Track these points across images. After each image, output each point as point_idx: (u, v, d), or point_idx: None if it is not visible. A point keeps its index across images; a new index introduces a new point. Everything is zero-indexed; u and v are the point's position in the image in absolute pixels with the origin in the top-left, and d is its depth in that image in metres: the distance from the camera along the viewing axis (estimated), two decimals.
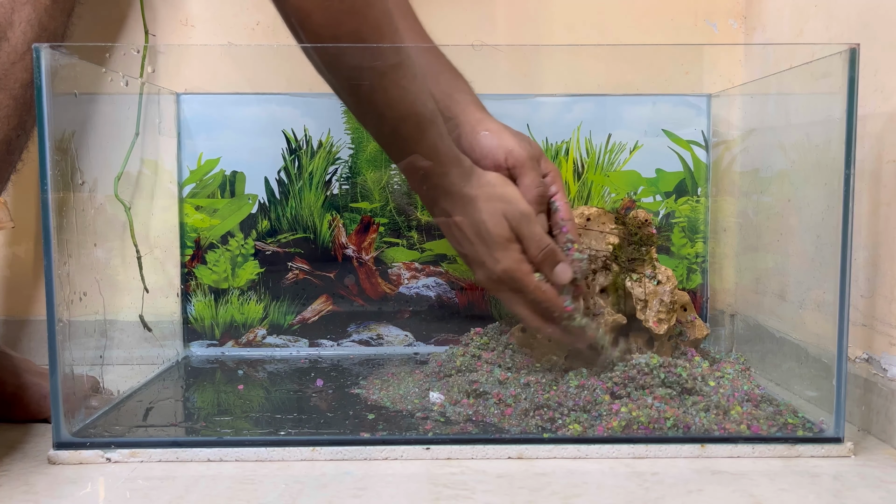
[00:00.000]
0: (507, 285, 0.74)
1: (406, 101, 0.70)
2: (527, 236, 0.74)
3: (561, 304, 0.74)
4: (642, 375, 0.72)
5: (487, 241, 0.74)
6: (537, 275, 0.74)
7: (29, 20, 0.72)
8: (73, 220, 0.73)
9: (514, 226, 0.74)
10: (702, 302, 1.00)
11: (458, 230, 0.75)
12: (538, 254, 0.74)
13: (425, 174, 0.74)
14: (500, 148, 0.77)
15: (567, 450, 0.68)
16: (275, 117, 0.98)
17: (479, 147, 0.77)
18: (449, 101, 0.79)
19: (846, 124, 0.67)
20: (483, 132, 0.78)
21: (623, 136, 0.98)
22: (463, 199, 0.74)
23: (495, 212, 0.74)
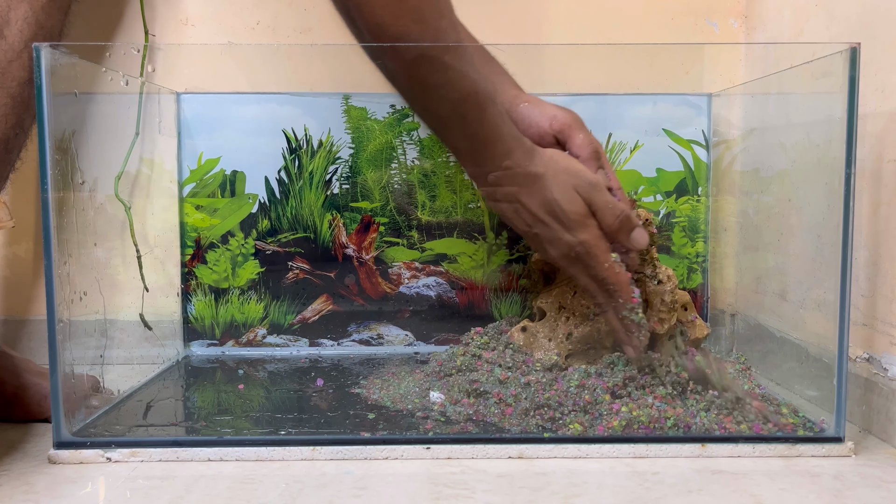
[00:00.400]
0: (584, 262, 0.73)
1: (466, 80, 0.69)
2: (600, 206, 0.73)
3: (629, 290, 0.73)
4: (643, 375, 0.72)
5: (562, 217, 0.72)
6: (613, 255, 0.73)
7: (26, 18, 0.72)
8: (73, 220, 0.73)
9: (587, 198, 0.72)
10: (702, 301, 1.00)
11: (525, 212, 0.74)
12: (614, 221, 0.73)
13: (488, 155, 0.72)
14: (543, 115, 0.78)
15: (567, 449, 0.68)
16: (275, 117, 0.98)
17: (522, 118, 0.77)
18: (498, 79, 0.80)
19: (847, 124, 0.67)
20: (523, 104, 0.79)
21: (623, 136, 0.98)
22: (529, 178, 0.72)
23: (566, 187, 0.72)
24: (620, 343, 0.75)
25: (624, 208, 0.73)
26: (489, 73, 0.79)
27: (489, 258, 0.99)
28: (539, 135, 0.78)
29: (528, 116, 0.78)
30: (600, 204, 0.73)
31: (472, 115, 0.71)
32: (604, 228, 0.73)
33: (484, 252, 0.99)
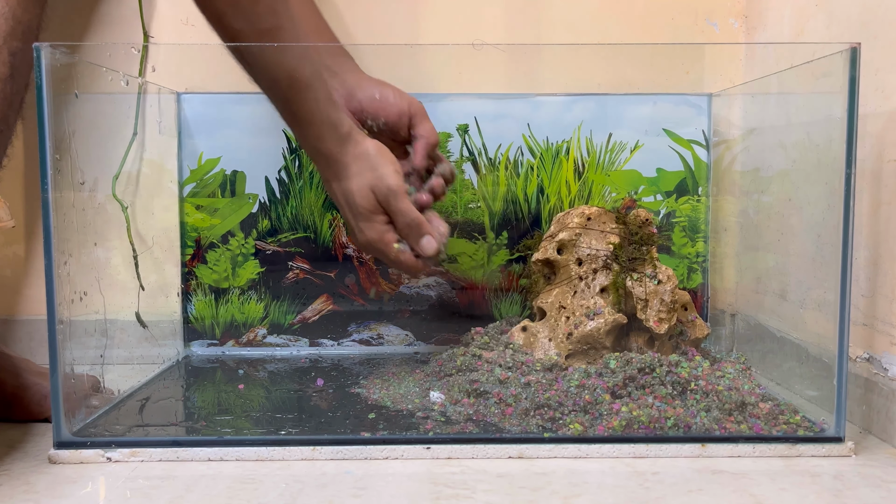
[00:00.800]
0: (376, 252, 0.80)
1: (283, 63, 0.73)
2: (394, 211, 0.78)
3: (420, 266, 0.80)
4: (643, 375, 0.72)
5: (354, 210, 0.78)
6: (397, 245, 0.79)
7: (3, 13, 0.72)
8: (73, 220, 0.73)
9: (381, 200, 0.78)
10: (702, 301, 1.00)
11: (332, 193, 0.80)
12: (404, 227, 0.78)
13: (306, 135, 0.77)
14: (403, 99, 0.84)
15: (567, 449, 0.68)
16: (275, 117, 0.97)
17: (384, 96, 0.83)
18: (333, 61, 0.85)
19: (847, 123, 0.67)
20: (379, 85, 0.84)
21: (624, 136, 0.98)
22: (337, 164, 0.78)
23: (364, 184, 0.77)
24: None
25: (416, 216, 0.78)
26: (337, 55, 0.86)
27: (489, 258, 0.99)
28: (398, 114, 0.84)
29: (390, 97, 0.83)
30: (394, 209, 0.78)
31: (290, 98, 0.75)
32: (397, 231, 0.79)
33: (484, 252, 0.99)
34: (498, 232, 0.99)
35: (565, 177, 0.98)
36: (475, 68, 1.00)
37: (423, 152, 0.84)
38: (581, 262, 0.81)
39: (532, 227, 0.99)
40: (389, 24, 1.01)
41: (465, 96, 0.98)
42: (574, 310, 0.79)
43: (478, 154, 0.98)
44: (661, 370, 0.72)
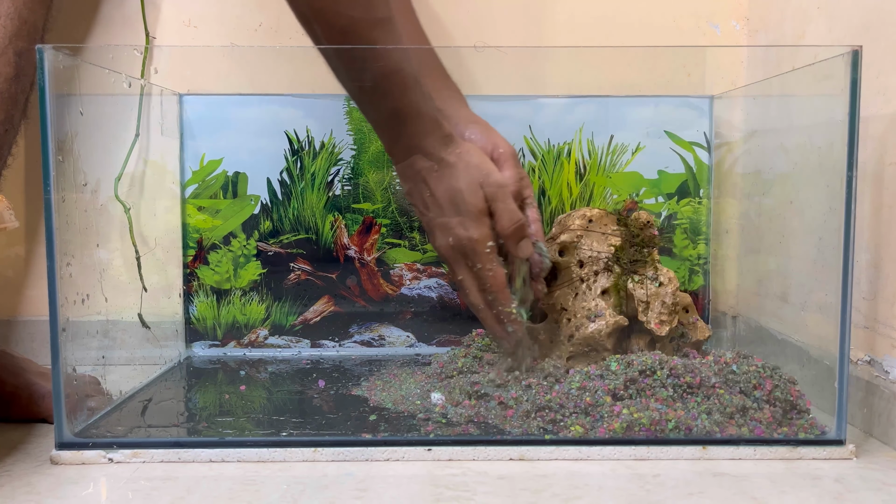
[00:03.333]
0: (467, 256, 0.75)
1: (393, 56, 0.71)
2: (501, 208, 0.75)
3: (507, 294, 0.75)
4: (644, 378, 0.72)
5: (462, 209, 0.74)
6: None
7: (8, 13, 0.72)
8: (75, 221, 0.73)
9: (490, 197, 0.75)
10: (704, 304, 1.00)
11: (427, 193, 0.76)
12: (510, 225, 0.75)
13: (405, 132, 0.74)
14: (490, 142, 0.80)
15: (568, 451, 0.68)
16: (277, 118, 0.98)
17: (470, 135, 0.79)
18: (439, 94, 0.81)
19: (848, 126, 0.67)
20: (472, 125, 0.81)
21: (625, 138, 0.98)
22: (440, 163, 0.75)
23: (473, 182, 0.75)
24: (492, 334, 0.78)
25: (521, 217, 0.76)
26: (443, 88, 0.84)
27: None
28: None
29: (476, 138, 0.80)
30: (501, 206, 0.75)
31: (395, 91, 0.72)
32: (498, 229, 0.75)
33: None
34: None
35: (567, 179, 0.99)
36: (477, 70, 1.00)
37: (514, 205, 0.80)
38: (582, 264, 0.81)
39: None
40: None
41: (466, 98, 0.98)
42: (575, 312, 0.79)
43: None
44: (662, 372, 0.72)
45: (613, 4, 1.02)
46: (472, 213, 0.74)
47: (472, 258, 0.75)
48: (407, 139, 0.75)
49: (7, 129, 0.74)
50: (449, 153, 0.75)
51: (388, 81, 0.72)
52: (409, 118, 0.74)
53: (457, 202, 0.75)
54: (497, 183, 0.75)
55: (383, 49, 0.70)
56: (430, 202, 0.76)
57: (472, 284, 0.76)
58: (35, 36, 0.75)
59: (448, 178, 0.75)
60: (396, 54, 0.71)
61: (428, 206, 0.76)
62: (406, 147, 0.75)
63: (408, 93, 0.73)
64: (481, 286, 0.76)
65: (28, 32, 0.74)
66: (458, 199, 0.74)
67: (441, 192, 0.75)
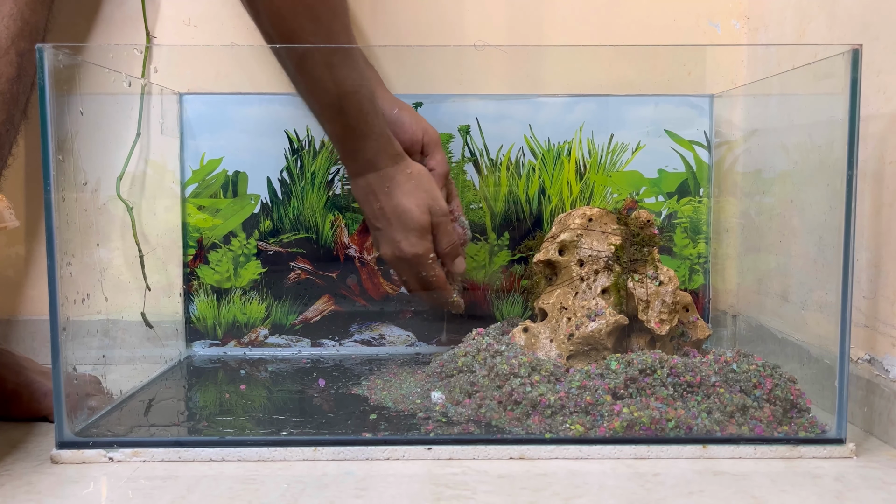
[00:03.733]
0: (413, 267, 0.84)
1: (350, 79, 0.77)
2: (442, 231, 0.84)
3: (449, 291, 0.87)
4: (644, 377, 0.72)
5: (408, 226, 0.82)
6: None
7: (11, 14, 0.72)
8: (75, 220, 0.73)
9: (435, 220, 0.84)
10: (704, 303, 1.00)
11: (378, 206, 0.83)
12: (447, 246, 0.85)
13: (359, 148, 0.80)
14: (419, 126, 0.86)
15: (569, 450, 0.68)
16: (277, 117, 0.98)
17: (400, 122, 0.85)
18: None
19: (849, 125, 0.67)
20: (401, 108, 0.87)
21: (625, 137, 0.98)
22: (391, 181, 0.82)
23: (422, 203, 0.82)
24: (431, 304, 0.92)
25: (457, 238, 0.87)
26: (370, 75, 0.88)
27: (491, 259, 0.99)
28: (411, 141, 0.86)
29: (407, 122, 0.86)
30: (442, 229, 0.84)
31: (351, 111, 0.78)
32: (438, 249, 0.85)
33: (485, 253, 0.99)
34: (499, 233, 0.99)
35: (567, 178, 0.99)
36: (477, 69, 1.00)
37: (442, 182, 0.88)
38: (582, 263, 0.81)
39: (533, 228, 0.99)
40: (391, 25, 1.01)
41: (466, 97, 0.98)
42: (575, 311, 0.79)
43: (479, 155, 0.98)
44: (663, 371, 0.72)
45: (613, 3, 1.02)
46: (417, 231, 0.83)
47: (418, 267, 0.84)
48: (361, 154, 0.81)
49: (8, 128, 0.74)
50: (398, 171, 0.82)
51: (345, 101, 0.78)
52: (363, 136, 0.80)
53: (404, 220, 0.82)
54: (441, 210, 0.84)
55: (342, 72, 0.76)
56: (380, 215, 0.83)
57: (416, 284, 0.86)
58: (37, 37, 0.75)
59: (398, 195, 0.82)
60: (354, 77, 0.77)
61: (378, 219, 0.84)
62: (360, 162, 0.82)
63: (363, 113, 0.79)
64: (425, 285, 0.86)
65: (30, 33, 0.74)
66: (406, 218, 0.82)
67: (390, 208, 0.82)
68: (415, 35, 1.01)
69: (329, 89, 0.77)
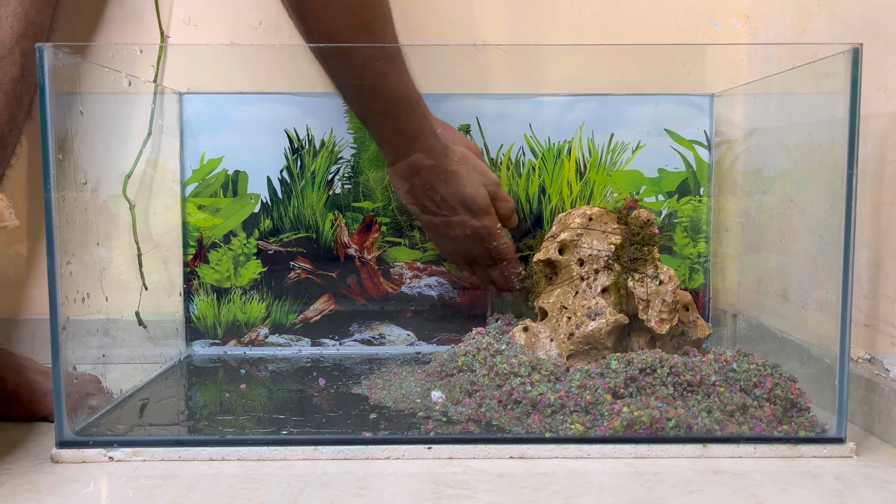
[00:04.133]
0: (485, 240, 0.89)
1: (402, 83, 0.82)
2: (501, 198, 0.90)
3: (516, 259, 0.92)
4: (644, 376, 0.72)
5: (473, 207, 0.87)
6: None
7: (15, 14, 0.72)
8: (75, 220, 0.73)
9: (491, 193, 0.89)
10: (704, 302, 1.00)
11: (439, 198, 0.87)
12: (507, 211, 0.90)
13: (412, 148, 0.85)
14: (461, 140, 0.92)
15: (569, 449, 0.68)
16: (277, 117, 0.98)
17: (445, 139, 0.89)
18: None
19: (849, 124, 0.67)
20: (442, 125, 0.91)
21: (625, 136, 0.98)
22: (445, 171, 0.86)
23: (477, 184, 0.87)
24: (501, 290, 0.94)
25: (512, 202, 0.92)
26: None
27: None
28: None
29: (451, 136, 0.91)
30: (500, 198, 0.90)
31: (403, 114, 0.83)
32: (500, 215, 0.90)
33: None
34: None
35: (567, 177, 0.98)
36: (477, 68, 1.00)
37: None
38: (582, 262, 0.81)
39: (534, 227, 0.99)
40: None
41: (466, 96, 0.98)
42: (575, 310, 0.79)
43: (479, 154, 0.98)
44: (663, 370, 0.72)
45: (614, 2, 1.02)
46: (483, 208, 0.88)
47: (489, 240, 0.89)
48: (414, 154, 0.85)
49: (11, 128, 0.74)
50: (450, 161, 0.86)
51: (397, 106, 0.82)
52: (414, 137, 0.84)
53: (468, 202, 0.87)
54: (494, 181, 0.89)
55: (394, 78, 0.80)
56: (443, 205, 0.88)
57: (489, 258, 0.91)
58: (41, 37, 0.75)
59: (455, 184, 0.86)
60: (405, 82, 0.81)
61: (441, 209, 0.88)
62: (412, 162, 0.86)
63: (413, 115, 0.83)
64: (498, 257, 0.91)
65: (34, 33, 0.74)
66: (470, 201, 0.87)
67: (451, 195, 0.87)
68: (415, 34, 1.01)
69: (382, 96, 0.81)
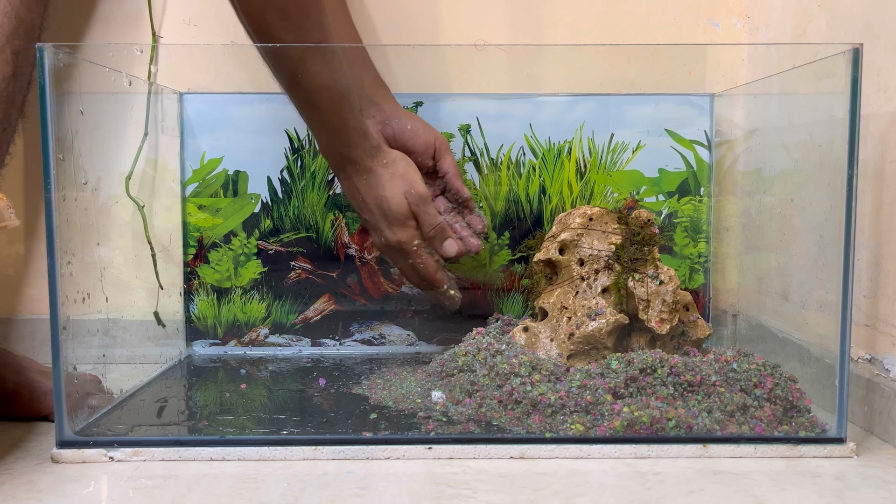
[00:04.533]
0: (401, 254, 0.86)
1: (323, 74, 0.78)
2: (422, 216, 0.84)
3: (439, 279, 0.87)
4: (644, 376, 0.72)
5: (388, 215, 0.84)
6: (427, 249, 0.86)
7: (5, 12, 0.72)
8: (76, 220, 0.73)
9: (413, 206, 0.84)
10: (704, 302, 1.00)
11: (360, 198, 0.85)
12: (429, 231, 0.85)
13: (336, 142, 0.82)
14: (431, 132, 0.89)
15: (569, 449, 0.68)
16: (278, 117, 0.98)
17: (414, 131, 0.88)
18: (374, 91, 0.90)
19: (849, 124, 0.67)
20: (412, 118, 0.90)
21: (626, 136, 0.98)
22: (368, 172, 0.83)
23: (398, 191, 0.83)
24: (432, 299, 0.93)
25: (440, 221, 0.86)
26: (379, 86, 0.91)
27: (491, 258, 0.99)
28: (425, 146, 0.89)
29: (419, 131, 0.89)
30: (422, 214, 0.84)
31: (323, 106, 0.80)
32: (423, 235, 0.85)
33: (486, 252, 0.99)
34: (500, 232, 0.99)
35: (567, 177, 0.98)
36: (477, 68, 1.00)
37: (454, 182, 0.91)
38: (583, 262, 0.81)
39: (534, 228, 0.99)
40: (392, 24, 1.01)
41: (467, 96, 0.98)
42: (576, 310, 0.79)
43: (480, 154, 0.98)
44: (663, 371, 0.72)
45: (614, 2, 1.02)
46: (397, 219, 0.84)
47: (404, 255, 0.86)
48: (338, 148, 0.83)
49: (5, 127, 0.74)
50: (376, 163, 0.83)
51: (317, 97, 0.79)
52: (338, 131, 0.81)
53: (384, 208, 0.84)
54: (418, 194, 0.84)
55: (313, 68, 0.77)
56: (363, 206, 0.85)
57: (409, 273, 0.87)
58: (32, 35, 0.75)
59: (376, 186, 0.83)
60: (327, 73, 0.78)
61: (362, 209, 0.86)
62: (337, 155, 0.84)
63: (337, 108, 0.80)
64: (418, 275, 0.87)
65: (25, 31, 0.74)
66: (385, 206, 0.83)
67: (371, 198, 0.84)
68: (415, 34, 1.01)
69: (301, 84, 0.78)
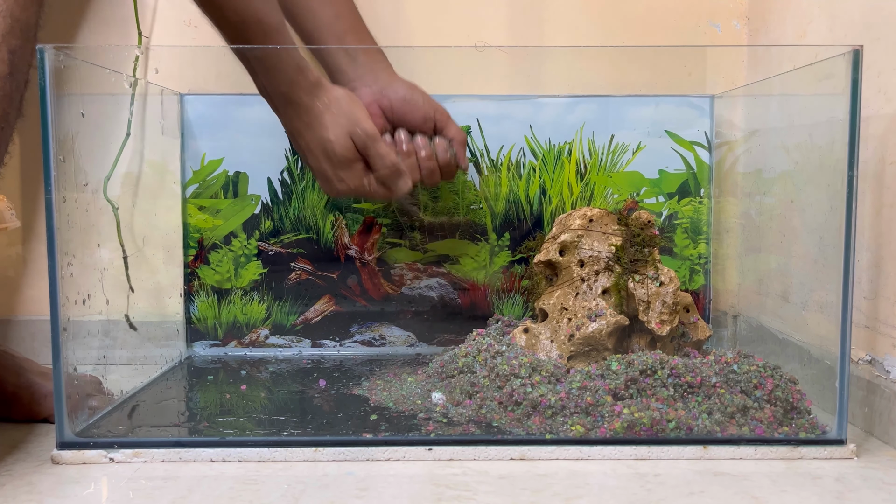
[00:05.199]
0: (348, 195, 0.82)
1: (251, 6, 0.73)
2: (372, 155, 0.79)
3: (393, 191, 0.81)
4: (645, 377, 0.72)
5: (333, 159, 0.78)
6: None
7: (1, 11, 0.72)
8: (76, 221, 0.73)
9: (360, 146, 0.78)
10: (704, 303, 1.00)
11: (303, 142, 0.79)
12: (382, 170, 0.80)
13: (272, 80, 0.77)
14: (430, 104, 0.86)
15: (569, 451, 0.68)
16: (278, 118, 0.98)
17: (413, 101, 0.84)
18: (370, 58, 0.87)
19: (849, 126, 0.67)
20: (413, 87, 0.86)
21: (626, 137, 0.98)
22: (309, 112, 0.78)
23: (342, 131, 0.78)
24: None
25: (394, 159, 0.80)
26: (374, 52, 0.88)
27: (491, 259, 0.99)
28: (424, 118, 0.85)
29: (418, 101, 0.85)
30: (373, 153, 0.79)
31: (255, 41, 0.75)
32: (374, 176, 0.80)
33: (486, 253, 0.99)
34: (500, 233, 0.99)
35: (567, 178, 0.98)
36: (477, 70, 1.00)
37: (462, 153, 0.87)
38: (583, 263, 0.81)
39: (534, 229, 0.99)
40: (392, 25, 1.01)
41: (467, 98, 0.98)
42: (576, 311, 0.79)
43: (480, 155, 0.98)
44: (663, 372, 0.72)
45: (614, 4, 1.02)
46: (343, 162, 0.78)
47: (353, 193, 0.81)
48: (275, 88, 0.77)
49: (3, 126, 0.74)
50: (317, 101, 0.77)
51: (247, 31, 0.74)
52: (273, 68, 0.75)
53: (328, 151, 0.78)
54: (365, 132, 0.78)
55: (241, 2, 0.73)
56: (307, 152, 0.79)
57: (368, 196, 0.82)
58: (28, 34, 0.75)
59: (318, 127, 0.78)
60: (256, 5, 0.73)
61: (307, 155, 0.80)
62: (279, 98, 0.78)
63: (270, 41, 0.74)
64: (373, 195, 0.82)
65: (21, 30, 0.73)
66: (329, 149, 0.78)
67: (314, 142, 0.78)
68: (415, 35, 1.01)
69: (230, 18, 0.74)
